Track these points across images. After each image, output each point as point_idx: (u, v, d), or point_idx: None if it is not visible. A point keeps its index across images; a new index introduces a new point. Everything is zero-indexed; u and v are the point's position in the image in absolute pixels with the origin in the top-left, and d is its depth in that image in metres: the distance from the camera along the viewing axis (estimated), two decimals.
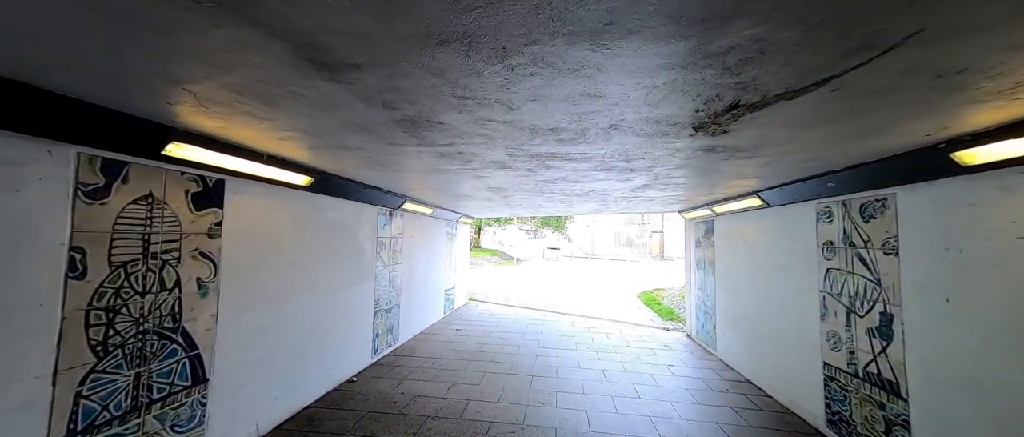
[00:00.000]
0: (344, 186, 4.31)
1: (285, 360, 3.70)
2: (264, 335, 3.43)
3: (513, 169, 3.63)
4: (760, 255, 4.90)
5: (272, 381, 3.53)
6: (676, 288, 12.84)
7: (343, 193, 4.47)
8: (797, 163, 3.11)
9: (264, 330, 3.43)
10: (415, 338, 6.84)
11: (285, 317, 3.70)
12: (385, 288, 5.81)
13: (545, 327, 8.08)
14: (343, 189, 4.36)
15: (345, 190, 4.43)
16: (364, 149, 2.89)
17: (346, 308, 4.75)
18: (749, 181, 4.13)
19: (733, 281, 5.65)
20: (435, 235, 8.19)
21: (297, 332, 3.86)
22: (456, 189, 5.18)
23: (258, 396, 3.36)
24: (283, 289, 3.66)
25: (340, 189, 4.32)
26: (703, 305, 6.81)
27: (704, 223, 6.86)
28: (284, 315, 3.68)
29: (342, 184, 4.24)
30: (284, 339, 3.68)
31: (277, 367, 3.58)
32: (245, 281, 3.22)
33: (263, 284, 3.41)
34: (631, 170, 3.58)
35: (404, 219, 6.47)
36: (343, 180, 4.16)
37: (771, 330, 4.59)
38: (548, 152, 2.93)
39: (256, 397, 3.34)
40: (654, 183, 4.29)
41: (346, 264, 4.73)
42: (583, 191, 5.08)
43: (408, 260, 6.66)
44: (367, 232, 5.26)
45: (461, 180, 4.40)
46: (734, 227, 5.66)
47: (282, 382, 3.65)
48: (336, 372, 4.56)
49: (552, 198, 5.99)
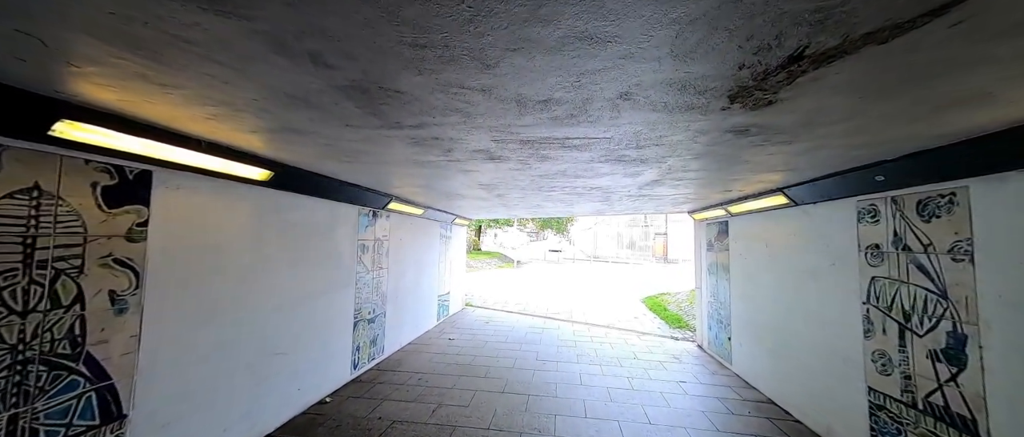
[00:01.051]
0: (314, 182, 3.80)
1: (238, 384, 3.17)
2: (209, 356, 2.91)
3: (503, 160, 3.11)
4: (786, 260, 4.35)
5: (220, 410, 3.00)
6: (682, 293, 12.26)
7: (313, 190, 3.96)
8: (843, 151, 2.57)
9: (210, 350, 2.91)
10: (403, 349, 6.31)
11: (239, 333, 3.17)
12: (368, 296, 5.29)
13: (545, 336, 7.53)
14: (313, 185, 3.85)
15: (315, 187, 3.91)
16: (319, 133, 2.37)
17: (319, 319, 4.23)
18: (774, 176, 3.60)
19: (752, 288, 5.10)
20: (427, 237, 7.67)
21: (254, 350, 3.33)
22: (444, 187, 4.66)
23: (200, 429, 2.83)
24: (236, 301, 3.14)
25: (309, 185, 3.80)
26: (716, 314, 6.25)
27: (717, 224, 6.31)
28: (237, 331, 3.16)
29: (311, 180, 3.72)
30: (237, 359, 3.16)
31: (226, 393, 3.06)
32: (184, 293, 2.70)
33: (209, 296, 2.89)
34: (641, 161, 3.05)
35: (391, 220, 5.95)
36: (311, 175, 3.65)
37: (801, 346, 4.03)
38: (542, 137, 2.40)
39: (197, 431, 2.81)
40: (666, 178, 3.76)
41: (319, 270, 4.21)
42: (585, 188, 4.55)
43: (396, 264, 6.14)
44: (346, 234, 4.75)
45: (447, 176, 3.88)
46: (753, 228, 5.12)
47: (233, 410, 3.13)
48: (306, 394, 4.03)
49: (551, 197, 5.46)
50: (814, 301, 3.83)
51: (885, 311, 3.01)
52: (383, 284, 5.73)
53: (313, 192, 3.97)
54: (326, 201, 4.29)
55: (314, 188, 3.92)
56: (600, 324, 8.76)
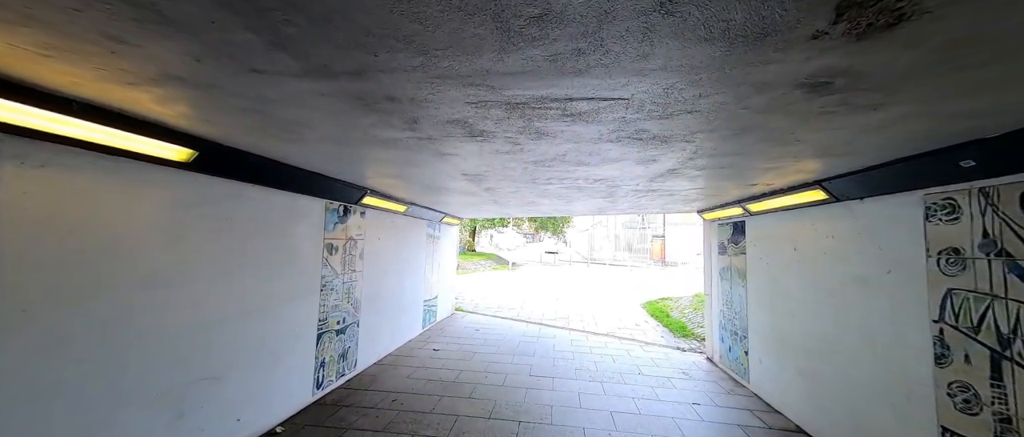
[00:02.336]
0: (258, 167, 3.12)
1: (138, 422, 2.48)
2: (83, 391, 2.22)
3: (487, 138, 2.45)
4: (821, 265, 3.71)
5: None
6: (685, 298, 11.65)
7: (259, 178, 3.27)
8: (930, 124, 1.94)
9: (86, 380, 2.22)
10: (380, 363, 5.62)
11: (144, 356, 2.49)
12: (337, 303, 4.61)
13: (540, 346, 6.87)
14: (257, 171, 3.17)
15: (262, 173, 3.23)
16: (222, 87, 1.71)
17: (270, 333, 3.54)
18: (812, 165, 2.97)
19: (775, 297, 4.47)
20: (411, 237, 6.99)
21: (169, 377, 2.64)
22: (423, 177, 4.00)
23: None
24: (142, 314, 2.46)
25: (251, 171, 3.12)
26: (729, 324, 5.62)
27: (730, 224, 5.68)
28: (141, 353, 2.47)
29: (253, 164, 3.05)
30: (141, 390, 2.48)
31: (120, 435, 2.37)
32: (51, 309, 2.01)
33: (97, 311, 2.21)
34: (662, 141, 2.40)
35: (366, 217, 5.27)
36: (253, 158, 2.97)
37: (843, 369, 3.40)
38: (536, 96, 1.75)
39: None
40: (685, 167, 3.12)
41: (270, 275, 3.53)
42: (587, 181, 3.90)
43: (372, 267, 5.45)
44: (308, 232, 4.06)
45: (422, 162, 3.21)
46: (777, 228, 4.49)
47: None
48: (250, 425, 3.34)
49: (548, 192, 4.81)
50: (862, 316, 3.20)
51: (969, 333, 2.37)
52: (356, 289, 5.05)
53: (259, 180, 3.29)
54: (279, 192, 3.60)
55: (260, 175, 3.24)
56: (599, 332, 8.10)
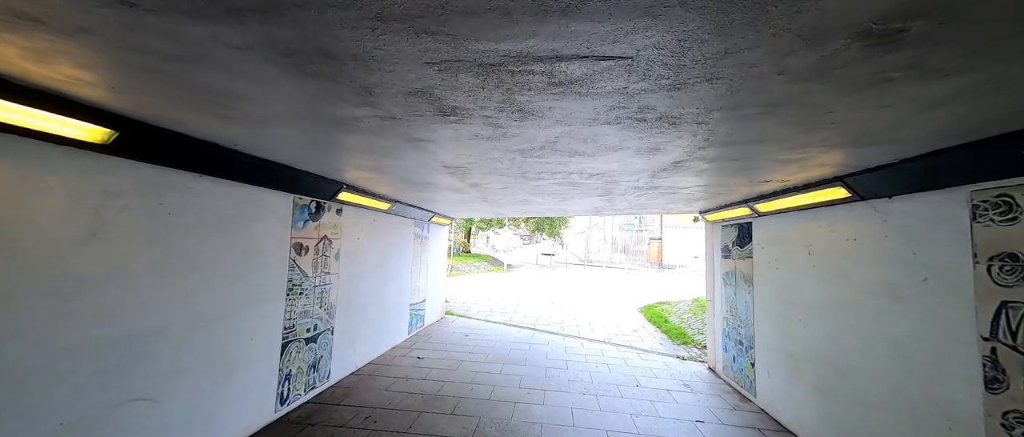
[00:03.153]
0: (205, 154, 2.71)
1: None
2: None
3: (463, 119, 2.06)
4: (841, 271, 3.34)
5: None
6: (684, 302, 11.29)
7: (208, 167, 2.86)
8: (1017, 97, 1.57)
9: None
10: (358, 373, 5.20)
11: (37, 381, 2.07)
12: (307, 308, 4.19)
13: (532, 353, 6.47)
14: (204, 159, 2.76)
15: (210, 162, 2.82)
16: (99, 33, 1.31)
17: (221, 344, 3.13)
18: (832, 158, 2.61)
19: (787, 305, 4.09)
20: (396, 237, 6.58)
21: (74, 404, 2.22)
22: (402, 171, 3.60)
23: None
24: (35, 330, 2.04)
25: (195, 158, 2.71)
26: (734, 333, 5.24)
27: (735, 226, 5.32)
28: (34, 378, 2.06)
29: (201, 151, 2.63)
30: (36, 422, 2.06)
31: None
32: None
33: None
34: (670, 122, 2.01)
35: (344, 215, 4.86)
36: (199, 143, 2.56)
37: (867, 388, 3.02)
38: (512, 52, 1.36)
39: None
40: (694, 157, 2.74)
41: (222, 278, 3.11)
42: (582, 176, 3.52)
43: (351, 269, 5.04)
44: (270, 230, 3.65)
45: (396, 152, 2.82)
46: (789, 230, 4.12)
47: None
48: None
49: (540, 189, 4.43)
50: (890, 329, 2.82)
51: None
52: (331, 293, 4.63)
53: (208, 170, 2.88)
54: (235, 185, 3.19)
55: (209, 164, 2.83)
56: (595, 339, 7.71)
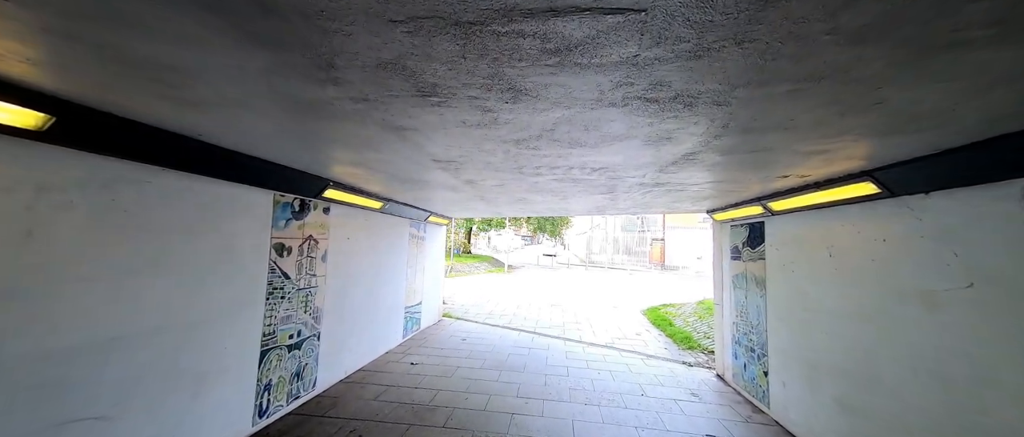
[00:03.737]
0: (168, 146, 2.44)
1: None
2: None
3: (445, 101, 1.79)
4: (868, 275, 3.05)
5: None
6: (688, 305, 10.98)
7: (172, 159, 2.59)
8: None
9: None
10: (347, 380, 4.93)
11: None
12: (290, 313, 3.93)
13: (531, 359, 6.19)
14: (166, 151, 2.49)
15: (175, 154, 2.55)
16: (70, 13, 1.05)
17: (189, 354, 2.86)
18: (863, 149, 2.33)
19: (805, 311, 3.80)
20: (390, 237, 6.32)
21: (6, 426, 1.97)
22: (390, 166, 3.33)
23: None
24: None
25: (154, 149, 2.44)
26: (744, 340, 4.95)
27: (746, 226, 5.03)
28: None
29: (163, 141, 2.37)
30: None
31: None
32: None
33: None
34: (688, 103, 1.74)
35: (331, 214, 4.60)
36: (161, 134, 2.29)
37: (898, 406, 2.72)
38: (498, 2, 1.09)
39: None
40: (708, 147, 2.46)
41: (190, 281, 2.85)
42: (584, 170, 3.24)
43: (339, 270, 4.78)
44: (247, 230, 3.39)
45: (378, 142, 2.55)
46: (805, 230, 3.83)
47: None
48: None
49: (539, 187, 4.15)
50: (928, 341, 2.54)
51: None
52: (317, 297, 4.37)
53: (167, 162, 2.61)
54: (204, 180, 2.92)
55: (168, 155, 2.56)
56: (598, 343, 7.43)
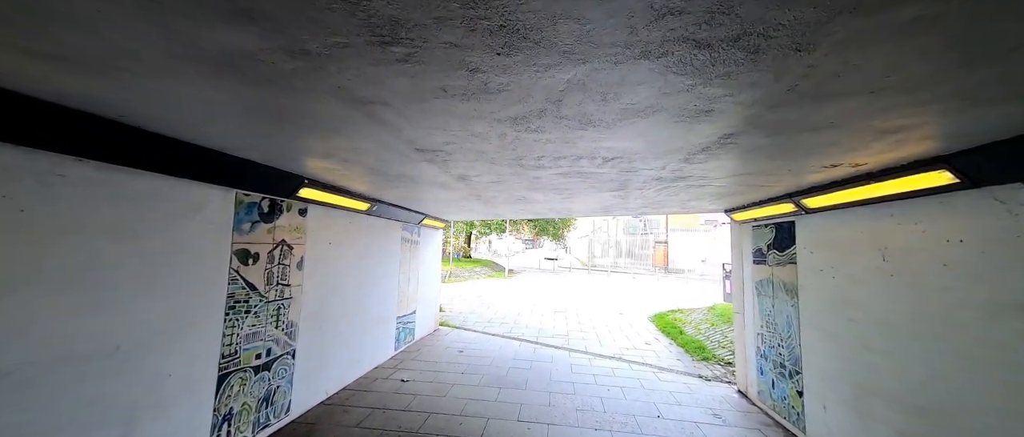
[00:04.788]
0: (74, 127, 1.95)
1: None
2: None
3: (417, 56, 1.29)
4: (940, 283, 2.53)
5: None
6: (698, 310, 10.45)
7: (85, 147, 2.09)
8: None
9: None
10: (328, 402, 4.42)
11: None
12: (257, 329, 3.43)
13: (534, 373, 5.67)
14: (74, 135, 1.99)
15: (87, 141, 2.06)
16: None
17: (116, 387, 2.36)
18: (940, 127, 1.84)
19: (850, 323, 3.28)
20: (380, 242, 5.82)
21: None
22: (368, 159, 2.83)
23: None
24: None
25: (61, 133, 1.94)
26: (772, 353, 4.43)
27: (771, 226, 4.52)
28: None
29: (68, 122, 1.88)
30: None
31: None
32: None
33: None
34: (755, 48, 1.24)
35: (309, 216, 4.10)
36: (60, 112, 1.80)
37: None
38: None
39: None
40: (754, 126, 1.96)
41: (115, 299, 2.34)
42: (594, 160, 2.74)
43: (318, 280, 4.28)
44: (199, 234, 2.89)
45: (340, 122, 2.06)
46: (848, 230, 3.32)
47: None
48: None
49: (540, 183, 3.66)
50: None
51: None
52: (291, 309, 3.86)
53: (84, 150, 2.10)
54: (135, 173, 2.42)
55: (85, 142, 2.06)
56: (605, 354, 6.90)
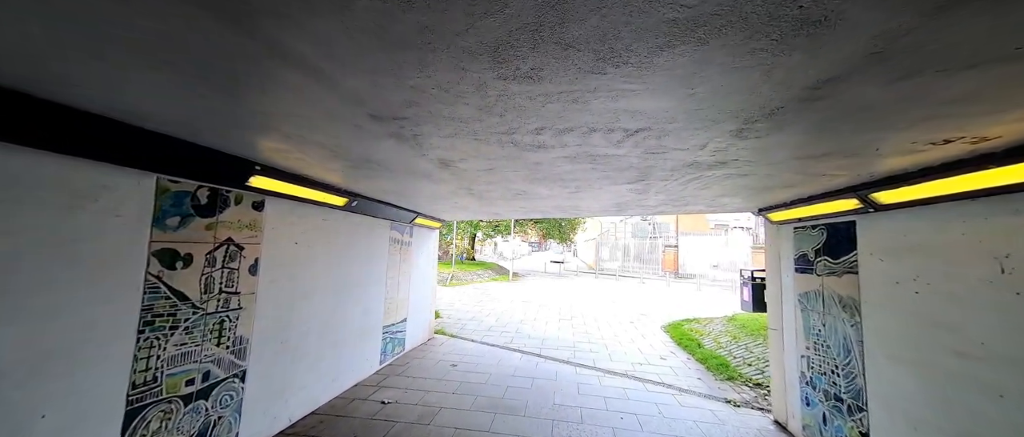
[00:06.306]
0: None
1: None
2: None
3: None
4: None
5: None
6: (716, 321, 9.63)
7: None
8: None
9: None
10: (292, 431, 3.74)
11: None
12: (189, 348, 2.77)
13: (535, 395, 4.95)
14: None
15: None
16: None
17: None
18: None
19: (949, 355, 2.51)
20: (362, 242, 5.16)
21: None
22: (325, 135, 2.16)
23: None
24: None
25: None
26: (824, 381, 3.66)
27: (822, 227, 3.77)
28: None
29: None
30: None
31: None
32: None
33: None
34: None
35: (268, 211, 3.45)
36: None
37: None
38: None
39: None
40: (871, 63, 1.25)
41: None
42: (611, 133, 2.03)
43: (279, 285, 3.62)
44: (95, 230, 2.24)
45: (271, 83, 1.39)
46: (948, 232, 2.56)
47: None
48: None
49: (541, 171, 2.96)
50: None
51: None
52: (241, 323, 3.21)
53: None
54: None
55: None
56: (616, 371, 6.15)
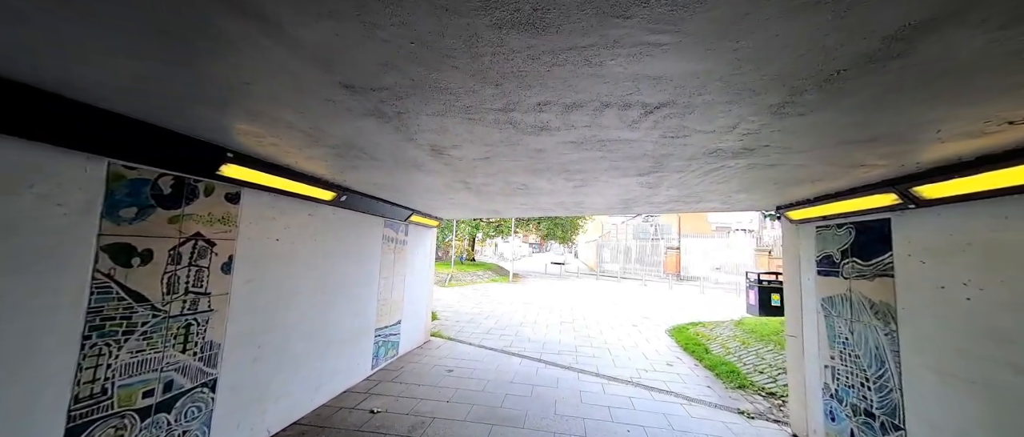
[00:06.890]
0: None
1: None
2: None
3: None
4: None
5: None
6: (723, 325, 9.29)
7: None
8: None
9: None
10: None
11: None
12: (148, 355, 2.46)
13: (535, 403, 4.63)
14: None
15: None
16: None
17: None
18: None
19: (1009, 370, 2.20)
20: (353, 240, 4.85)
21: None
22: (288, 110, 1.86)
23: None
24: None
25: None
26: (853, 394, 3.34)
27: (849, 226, 3.45)
28: None
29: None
30: None
31: None
32: None
33: None
34: None
35: (244, 203, 3.14)
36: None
37: None
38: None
39: None
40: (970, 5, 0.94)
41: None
42: (627, 110, 1.72)
43: (256, 287, 3.31)
44: (26, 221, 1.95)
45: (229, 50, 1.09)
46: (1005, 231, 2.25)
47: None
48: None
49: (543, 160, 2.66)
50: None
51: None
52: (212, 326, 2.90)
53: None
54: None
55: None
56: (621, 378, 5.83)
